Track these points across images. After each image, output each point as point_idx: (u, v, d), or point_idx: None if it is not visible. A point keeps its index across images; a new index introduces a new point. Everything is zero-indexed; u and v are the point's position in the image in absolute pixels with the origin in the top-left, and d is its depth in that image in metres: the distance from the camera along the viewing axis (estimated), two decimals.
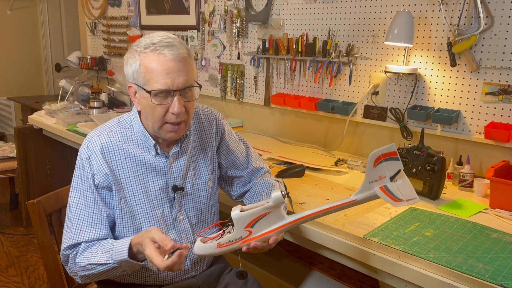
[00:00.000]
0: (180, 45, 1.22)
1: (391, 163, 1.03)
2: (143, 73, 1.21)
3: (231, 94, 2.85)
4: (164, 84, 1.20)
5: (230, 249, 1.17)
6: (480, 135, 1.81)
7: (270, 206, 1.13)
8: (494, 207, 1.53)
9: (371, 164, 1.05)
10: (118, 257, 1.18)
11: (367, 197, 1.07)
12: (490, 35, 1.74)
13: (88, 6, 4.13)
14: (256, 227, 1.15)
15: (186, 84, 1.22)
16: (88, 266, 1.23)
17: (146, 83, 1.21)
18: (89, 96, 3.42)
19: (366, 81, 2.16)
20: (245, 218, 1.15)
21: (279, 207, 1.14)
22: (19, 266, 2.90)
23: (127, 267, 1.21)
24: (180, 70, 1.21)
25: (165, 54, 1.19)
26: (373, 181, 1.05)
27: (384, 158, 1.02)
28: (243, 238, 1.16)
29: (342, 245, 1.34)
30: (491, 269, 1.12)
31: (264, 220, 1.15)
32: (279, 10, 2.48)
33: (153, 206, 1.32)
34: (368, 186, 1.06)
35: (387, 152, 1.02)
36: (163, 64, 1.19)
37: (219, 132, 1.47)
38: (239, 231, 1.15)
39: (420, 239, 1.27)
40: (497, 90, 1.74)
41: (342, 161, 2.05)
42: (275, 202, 1.13)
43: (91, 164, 1.27)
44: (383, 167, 1.03)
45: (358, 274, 1.91)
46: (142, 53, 1.22)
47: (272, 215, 1.14)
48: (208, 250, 1.19)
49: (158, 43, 1.20)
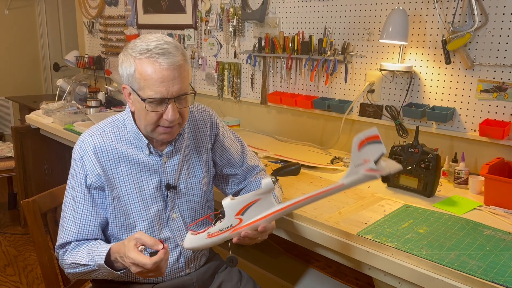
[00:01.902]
0: (176, 51, 1.20)
1: (374, 146, 1.05)
2: (138, 79, 1.20)
3: (228, 93, 2.85)
4: (159, 93, 1.19)
5: (221, 239, 1.17)
6: (475, 132, 1.81)
7: (261, 192, 1.15)
8: (489, 204, 1.53)
9: (356, 147, 1.08)
10: (97, 260, 1.20)
11: (355, 180, 1.09)
12: (484, 32, 1.74)
13: (85, 6, 4.13)
14: (247, 215, 1.16)
15: (181, 92, 1.21)
16: (72, 265, 1.27)
17: (141, 90, 1.20)
18: (86, 96, 3.42)
19: (361, 79, 2.17)
20: (236, 205, 1.16)
21: (269, 193, 1.15)
22: (17, 265, 2.90)
23: (105, 272, 1.23)
24: (175, 78, 1.19)
25: (160, 63, 1.17)
26: (359, 164, 1.07)
27: (367, 142, 1.05)
28: (233, 227, 1.16)
29: (336, 243, 1.35)
30: (483, 266, 1.12)
31: (254, 207, 1.16)
32: (275, 8, 2.48)
33: (147, 205, 1.33)
34: (355, 170, 1.08)
35: (370, 135, 1.05)
36: (158, 73, 1.17)
37: (214, 130, 1.48)
38: (230, 219, 1.16)
39: (413, 236, 1.28)
40: (492, 88, 1.75)
41: (338, 159, 2.06)
42: (265, 188, 1.14)
43: (84, 164, 1.28)
44: (367, 150, 1.05)
45: (354, 272, 1.92)
46: (137, 58, 1.19)
47: (262, 202, 1.16)
48: (198, 242, 1.18)
49: (154, 50, 1.18)
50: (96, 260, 1.20)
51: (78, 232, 1.28)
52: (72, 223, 1.29)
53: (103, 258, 1.19)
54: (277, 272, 2.03)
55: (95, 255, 1.21)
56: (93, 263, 1.21)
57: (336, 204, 1.54)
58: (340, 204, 1.54)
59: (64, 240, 1.29)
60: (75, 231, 1.28)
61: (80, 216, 1.29)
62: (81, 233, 1.29)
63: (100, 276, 1.26)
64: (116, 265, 1.21)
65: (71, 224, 1.29)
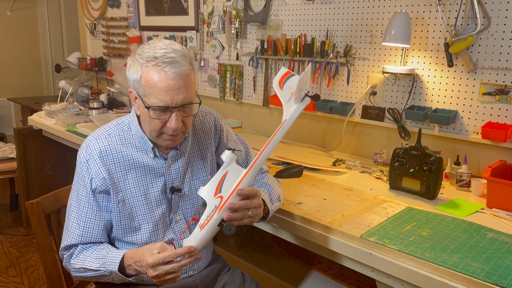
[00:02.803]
0: (183, 60, 1.19)
1: (291, 80, 1.20)
2: (143, 86, 1.20)
3: (230, 95, 2.86)
4: (163, 101, 1.19)
5: (213, 224, 1.18)
6: (477, 135, 1.82)
7: (225, 165, 1.21)
8: (491, 207, 1.54)
9: (278, 89, 1.24)
10: (109, 267, 1.21)
11: (293, 112, 1.22)
12: (487, 35, 1.74)
13: (87, 7, 4.14)
14: (224, 190, 1.20)
15: (186, 101, 1.22)
16: (81, 269, 1.27)
17: (146, 96, 1.21)
18: (88, 97, 3.43)
19: (364, 81, 2.17)
20: (210, 188, 1.20)
21: (232, 162, 1.21)
22: (19, 266, 2.90)
23: (116, 278, 1.24)
24: (180, 88, 1.19)
25: (166, 72, 1.17)
26: (289, 99, 1.21)
27: (284, 79, 1.19)
28: (218, 206, 1.18)
29: (339, 245, 1.35)
30: (486, 268, 1.13)
31: (227, 181, 1.20)
32: (277, 11, 2.49)
33: (151, 208, 1.33)
34: (289, 105, 1.22)
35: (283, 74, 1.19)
36: (163, 81, 1.17)
37: (218, 133, 1.48)
38: (211, 202, 1.19)
39: (416, 239, 1.28)
40: (494, 90, 1.75)
41: (340, 161, 2.06)
42: (227, 160, 1.20)
43: (89, 168, 1.28)
44: (288, 86, 1.19)
45: (357, 274, 1.92)
46: (144, 65, 1.19)
47: (231, 174, 1.21)
48: (195, 239, 1.17)
49: (161, 58, 1.17)
50: (108, 266, 1.21)
51: (82, 235, 1.29)
52: (76, 226, 1.29)
53: (116, 265, 1.20)
54: (279, 274, 2.03)
55: (106, 261, 1.22)
56: (104, 269, 1.22)
57: (339, 206, 1.54)
58: (343, 206, 1.54)
59: (69, 243, 1.29)
60: (79, 234, 1.29)
61: (84, 219, 1.29)
62: (85, 236, 1.29)
63: (109, 281, 1.27)
64: (128, 272, 1.21)
65: (76, 227, 1.29)
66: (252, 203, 1.22)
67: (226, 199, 1.18)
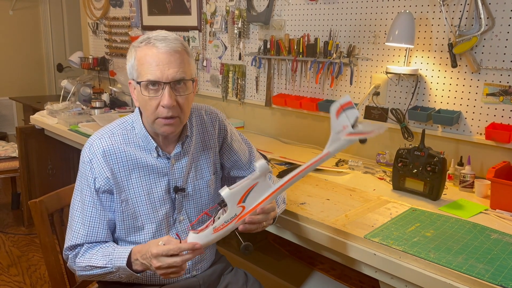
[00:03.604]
0: (174, 40, 1.23)
1: (349, 112, 1.13)
2: (136, 66, 1.23)
3: (233, 95, 2.86)
4: (154, 75, 1.20)
5: (227, 230, 1.17)
6: (481, 136, 1.81)
7: (257, 176, 1.17)
8: (495, 208, 1.53)
9: (334, 116, 1.15)
10: (117, 263, 1.20)
11: (338, 147, 1.15)
12: (491, 36, 1.74)
13: (90, 7, 4.14)
14: (248, 201, 1.17)
15: (177, 77, 1.21)
16: (87, 267, 1.27)
17: (139, 76, 1.23)
18: (90, 96, 3.43)
19: (367, 81, 2.17)
20: (236, 194, 1.17)
21: (265, 175, 1.18)
22: (21, 265, 2.90)
23: (123, 274, 1.23)
24: (171, 62, 1.20)
25: (157, 47, 1.20)
26: (339, 131, 1.14)
27: (343, 109, 1.12)
28: (237, 216, 1.17)
29: (342, 245, 1.35)
30: (491, 270, 1.12)
31: (254, 193, 1.17)
32: (280, 11, 2.49)
33: (155, 208, 1.33)
34: (336, 137, 1.15)
35: (345, 103, 1.12)
36: (154, 56, 1.20)
37: (222, 132, 1.47)
38: (233, 209, 1.16)
39: (420, 240, 1.28)
40: (498, 91, 1.75)
41: (343, 162, 2.06)
42: (261, 171, 1.16)
43: (93, 168, 1.28)
44: (344, 117, 1.13)
45: (359, 275, 1.92)
46: (137, 47, 1.24)
47: (260, 186, 1.18)
48: (205, 238, 1.16)
49: (153, 37, 1.22)
50: (116, 262, 1.21)
51: (87, 235, 1.28)
52: (81, 225, 1.29)
53: (124, 260, 1.19)
54: (281, 275, 2.03)
55: (113, 257, 1.22)
56: (111, 265, 1.21)
57: (342, 207, 1.54)
58: (347, 207, 1.54)
59: (73, 243, 1.29)
60: (84, 234, 1.28)
61: (89, 219, 1.29)
62: (90, 235, 1.28)
63: (115, 278, 1.26)
64: (135, 267, 1.21)
65: (80, 226, 1.29)
66: (269, 217, 1.22)
67: (248, 212, 1.17)
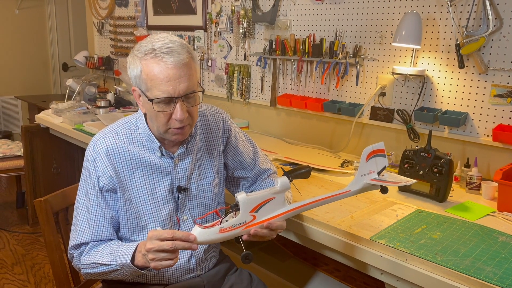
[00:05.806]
0: (181, 49, 1.19)
1: (380, 159, 1.16)
2: (144, 80, 1.20)
3: (237, 95, 2.85)
4: (166, 92, 1.18)
5: (232, 235, 1.17)
6: (488, 137, 1.80)
7: (277, 191, 1.17)
8: (502, 210, 1.52)
9: (364, 158, 1.17)
10: (121, 260, 1.20)
11: (360, 189, 1.19)
12: (499, 36, 1.72)
13: (95, 6, 4.15)
14: (261, 213, 1.17)
15: (188, 91, 1.21)
16: (92, 265, 1.26)
17: (148, 90, 1.20)
18: (95, 96, 3.43)
19: (373, 82, 2.15)
20: (252, 201, 1.16)
21: (284, 192, 1.18)
22: (25, 264, 2.91)
23: (128, 271, 1.22)
24: (181, 76, 1.18)
25: (165, 62, 1.17)
26: (365, 174, 1.17)
27: (374, 154, 1.15)
28: (246, 223, 1.16)
29: (348, 247, 1.34)
30: (499, 273, 1.11)
31: (268, 206, 1.18)
32: (286, 10, 2.48)
33: (158, 207, 1.33)
34: (361, 179, 1.18)
35: (378, 149, 1.15)
36: (163, 72, 1.17)
37: (226, 133, 1.47)
38: (244, 215, 1.16)
39: (427, 242, 1.27)
40: (506, 92, 1.73)
41: (348, 163, 2.05)
42: (281, 187, 1.17)
43: (96, 166, 1.28)
44: (373, 162, 1.16)
45: (364, 276, 1.91)
46: (143, 59, 1.19)
47: (276, 201, 1.18)
48: (209, 235, 1.16)
49: (159, 49, 1.17)
50: (120, 259, 1.20)
51: (92, 234, 1.28)
52: (86, 224, 1.29)
53: (128, 257, 1.18)
54: (285, 276, 2.02)
55: (117, 255, 1.21)
56: (115, 262, 1.21)
57: (348, 208, 1.53)
58: (352, 208, 1.53)
59: (78, 241, 1.29)
60: (89, 232, 1.28)
61: (94, 217, 1.29)
62: (95, 234, 1.28)
63: (119, 276, 1.26)
64: (137, 262, 1.19)
65: (85, 225, 1.29)
66: (273, 233, 1.21)
67: (257, 223, 1.17)
